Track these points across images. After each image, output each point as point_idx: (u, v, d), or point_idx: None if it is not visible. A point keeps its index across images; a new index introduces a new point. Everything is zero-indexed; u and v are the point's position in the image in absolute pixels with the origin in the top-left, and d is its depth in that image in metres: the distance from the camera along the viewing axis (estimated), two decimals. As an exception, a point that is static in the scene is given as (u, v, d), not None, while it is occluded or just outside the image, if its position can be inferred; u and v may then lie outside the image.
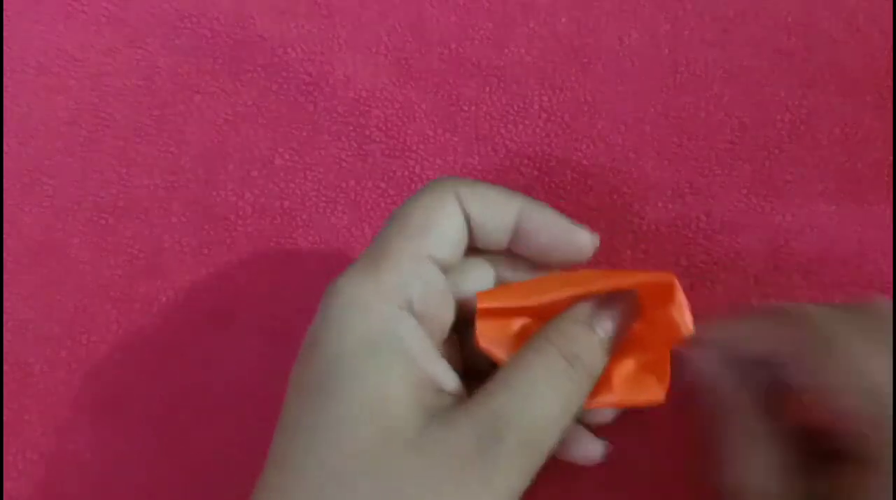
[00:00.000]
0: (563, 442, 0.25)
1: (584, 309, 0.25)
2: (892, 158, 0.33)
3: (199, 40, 0.37)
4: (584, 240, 0.25)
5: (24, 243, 0.35)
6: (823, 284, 0.32)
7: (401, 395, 0.22)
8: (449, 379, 0.23)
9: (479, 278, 0.26)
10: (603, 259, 0.33)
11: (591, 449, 0.26)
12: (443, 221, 0.24)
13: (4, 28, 0.38)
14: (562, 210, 0.34)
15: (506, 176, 0.34)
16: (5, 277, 0.35)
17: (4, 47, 0.38)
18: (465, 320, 0.26)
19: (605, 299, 0.25)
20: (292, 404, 0.23)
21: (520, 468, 0.21)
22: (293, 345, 0.33)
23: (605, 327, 0.24)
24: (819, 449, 0.23)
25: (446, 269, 0.25)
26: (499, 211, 0.25)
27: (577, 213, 0.34)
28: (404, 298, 0.23)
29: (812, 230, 0.33)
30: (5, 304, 0.35)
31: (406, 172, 0.35)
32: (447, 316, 0.25)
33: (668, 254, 0.33)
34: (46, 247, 0.35)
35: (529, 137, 0.35)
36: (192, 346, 0.33)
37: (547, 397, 0.22)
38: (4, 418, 0.33)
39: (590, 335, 0.24)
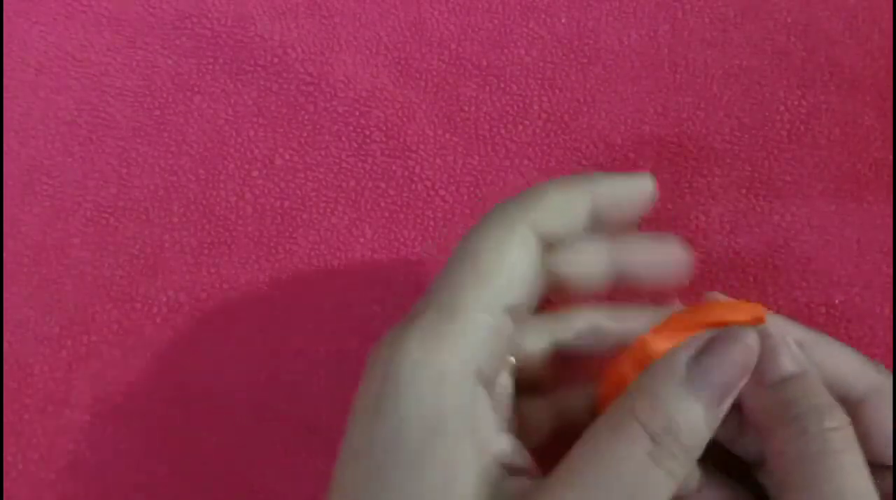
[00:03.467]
0: None
1: (679, 359, 0.19)
2: (892, 157, 0.33)
3: (199, 40, 0.37)
4: (647, 184, 0.23)
5: (24, 243, 0.35)
6: (823, 284, 0.32)
7: (471, 479, 0.19)
8: (518, 457, 0.21)
9: (535, 340, 0.24)
10: (603, 259, 0.33)
11: None
12: (514, 259, 0.21)
13: (4, 28, 0.38)
14: (562, 210, 0.34)
15: (506, 176, 0.34)
16: (5, 277, 0.35)
17: (4, 47, 0.38)
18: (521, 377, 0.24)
19: (710, 343, 0.20)
20: (352, 478, 0.20)
21: None
22: (293, 345, 0.33)
23: (711, 383, 0.19)
24: None
25: (518, 314, 0.22)
26: (569, 212, 0.22)
27: (577, 213, 0.34)
28: (477, 365, 0.20)
29: (812, 230, 0.33)
30: (5, 304, 0.35)
31: (406, 172, 0.35)
32: (510, 382, 0.23)
33: (668, 254, 0.33)
34: (46, 247, 0.35)
35: (529, 137, 0.35)
36: (191, 346, 0.33)
37: (625, 495, 0.18)
38: (4, 418, 0.33)
39: (687, 400, 0.19)
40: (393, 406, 0.20)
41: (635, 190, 0.24)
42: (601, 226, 0.24)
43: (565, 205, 0.22)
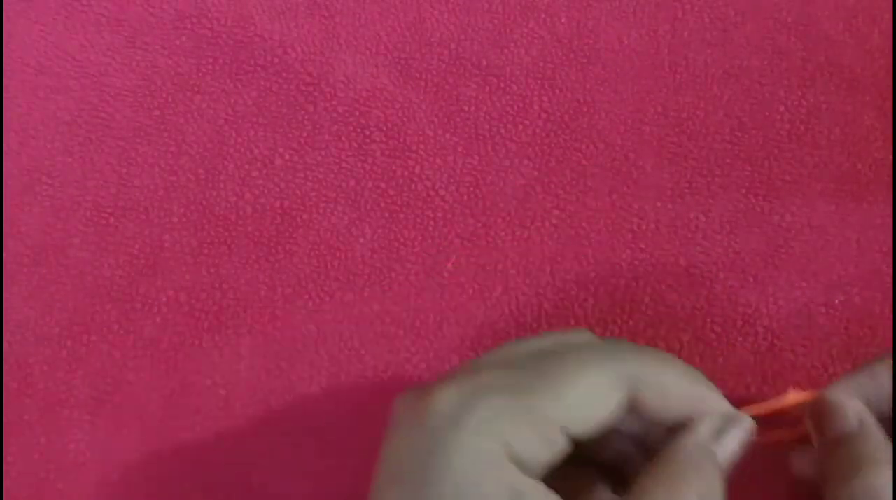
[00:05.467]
0: None
1: (708, 427, 0.24)
2: (892, 158, 0.33)
3: (199, 40, 0.37)
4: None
5: (24, 243, 0.35)
6: (823, 284, 0.32)
7: None
8: None
9: None
10: (602, 259, 0.33)
11: None
12: (597, 406, 0.23)
13: (4, 28, 0.38)
14: (561, 210, 0.34)
15: (506, 176, 0.34)
16: (5, 277, 0.35)
17: (4, 47, 0.38)
18: None
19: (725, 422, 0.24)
20: None
21: None
22: (293, 345, 0.33)
23: (722, 450, 0.23)
24: None
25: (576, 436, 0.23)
26: (673, 402, 0.24)
27: (577, 213, 0.34)
28: (528, 459, 0.22)
29: (812, 230, 0.33)
30: (5, 304, 0.34)
31: (406, 172, 0.35)
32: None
33: (668, 254, 0.33)
34: (46, 247, 0.35)
35: (529, 137, 0.35)
36: (191, 346, 0.33)
37: None
38: (4, 418, 0.33)
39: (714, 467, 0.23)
40: (453, 471, 0.21)
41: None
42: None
43: (670, 397, 0.24)
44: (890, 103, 0.34)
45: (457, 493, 0.21)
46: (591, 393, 0.23)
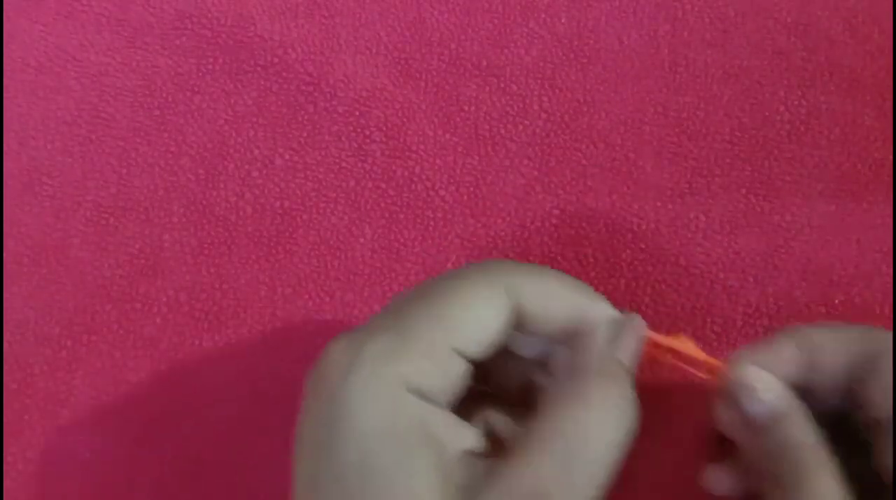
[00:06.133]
0: None
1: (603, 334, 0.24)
2: (892, 157, 0.33)
3: (199, 40, 0.37)
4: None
5: (24, 243, 0.35)
6: (823, 284, 0.32)
7: (433, 488, 0.21)
8: (473, 441, 0.22)
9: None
10: (602, 259, 0.33)
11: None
12: (482, 320, 0.23)
13: (4, 28, 0.38)
14: (561, 211, 0.34)
15: (506, 176, 0.34)
16: (5, 277, 0.35)
17: (4, 47, 0.38)
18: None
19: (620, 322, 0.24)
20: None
21: None
22: (292, 346, 0.33)
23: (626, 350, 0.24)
24: None
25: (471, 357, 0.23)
26: (556, 309, 0.24)
27: (577, 213, 0.34)
28: (428, 388, 0.22)
29: (812, 230, 0.33)
30: (5, 304, 0.35)
31: (406, 172, 0.35)
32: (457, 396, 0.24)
33: (668, 254, 0.33)
34: (46, 247, 0.35)
35: (529, 137, 0.35)
36: (191, 346, 0.34)
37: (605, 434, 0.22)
38: (4, 418, 0.33)
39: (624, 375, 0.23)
40: (347, 428, 0.21)
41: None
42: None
43: (553, 300, 0.24)
44: (890, 103, 0.34)
45: (365, 437, 0.21)
46: (475, 307, 0.23)
